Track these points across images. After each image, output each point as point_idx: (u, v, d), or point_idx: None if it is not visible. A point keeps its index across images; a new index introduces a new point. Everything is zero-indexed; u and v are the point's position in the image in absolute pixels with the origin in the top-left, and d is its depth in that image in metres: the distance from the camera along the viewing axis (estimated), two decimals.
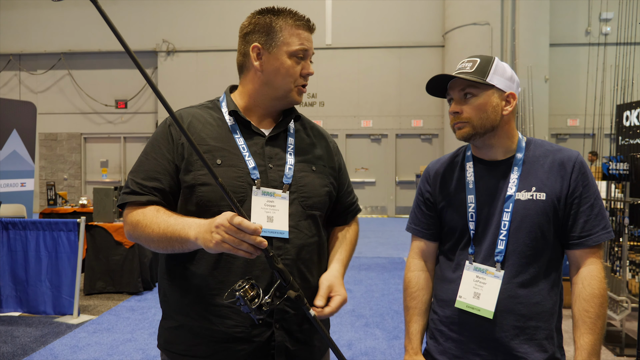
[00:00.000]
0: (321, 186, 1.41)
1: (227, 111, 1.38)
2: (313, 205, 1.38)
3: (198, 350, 1.30)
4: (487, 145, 1.41)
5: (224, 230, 1.10)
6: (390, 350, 3.72)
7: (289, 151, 1.39)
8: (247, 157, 1.32)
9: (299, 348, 1.33)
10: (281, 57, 1.34)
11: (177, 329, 1.33)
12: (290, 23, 1.34)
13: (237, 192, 1.28)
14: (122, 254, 5.21)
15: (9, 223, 4.43)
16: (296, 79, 1.36)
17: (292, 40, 1.34)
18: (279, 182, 1.34)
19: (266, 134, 1.38)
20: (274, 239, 1.29)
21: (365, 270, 6.54)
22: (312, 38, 1.39)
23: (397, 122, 13.62)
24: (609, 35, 11.28)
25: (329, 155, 1.49)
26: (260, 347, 1.29)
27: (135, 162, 1.36)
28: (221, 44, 13.56)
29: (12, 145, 6.74)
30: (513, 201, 1.36)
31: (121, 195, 1.34)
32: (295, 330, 1.31)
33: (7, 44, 14.30)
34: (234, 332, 1.28)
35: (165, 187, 1.31)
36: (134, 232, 1.30)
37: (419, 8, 13.30)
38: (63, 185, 14.38)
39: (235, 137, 1.34)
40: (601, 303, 1.32)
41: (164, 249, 1.26)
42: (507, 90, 1.37)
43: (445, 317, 1.43)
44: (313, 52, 1.39)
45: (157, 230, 1.23)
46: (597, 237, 1.34)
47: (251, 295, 1.12)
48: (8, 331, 4.06)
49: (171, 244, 1.23)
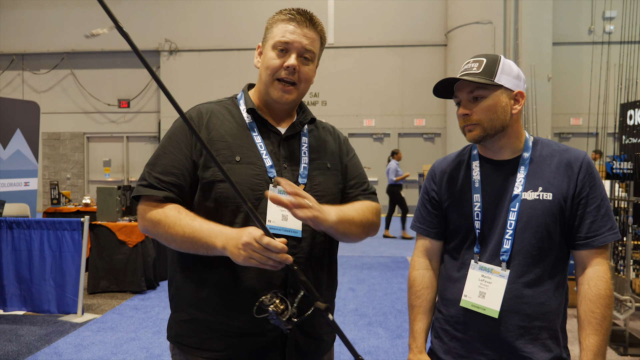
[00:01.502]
0: (335, 184, 1.43)
1: (245, 109, 1.40)
2: (327, 204, 1.37)
3: (211, 344, 1.31)
4: (497, 145, 1.40)
5: (251, 249, 1.13)
6: (394, 349, 3.72)
7: (304, 150, 1.40)
8: (265, 155, 1.33)
9: (309, 342, 1.36)
10: (266, 50, 1.36)
11: (189, 322, 1.34)
12: (281, 17, 1.36)
13: (255, 190, 1.29)
14: (125, 253, 5.22)
15: (13, 222, 4.45)
16: (274, 71, 1.34)
17: (277, 32, 1.35)
18: (294, 181, 1.34)
19: (282, 133, 1.39)
20: (289, 237, 1.30)
21: (368, 269, 6.53)
22: (305, 33, 1.34)
23: (399, 121, 13.61)
24: (613, 34, 11.23)
25: (340, 151, 1.50)
26: (272, 341, 1.31)
27: (153, 154, 1.36)
28: (224, 44, 13.57)
29: (15, 145, 6.77)
30: (519, 201, 1.35)
31: (137, 187, 1.33)
32: (307, 325, 1.33)
33: (10, 43, 14.34)
34: (248, 327, 1.29)
35: (182, 182, 1.31)
36: (152, 229, 1.30)
37: (421, 7, 13.27)
38: (66, 185, 14.42)
39: (253, 135, 1.35)
40: (607, 304, 1.31)
41: (186, 250, 1.27)
42: (515, 89, 1.36)
43: (450, 317, 1.43)
44: (304, 47, 1.33)
45: (182, 233, 1.24)
46: (604, 238, 1.34)
47: (281, 309, 1.17)
48: (13, 330, 4.07)
49: (195, 248, 1.25)
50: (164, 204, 1.29)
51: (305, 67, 1.36)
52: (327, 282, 1.42)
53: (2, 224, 4.45)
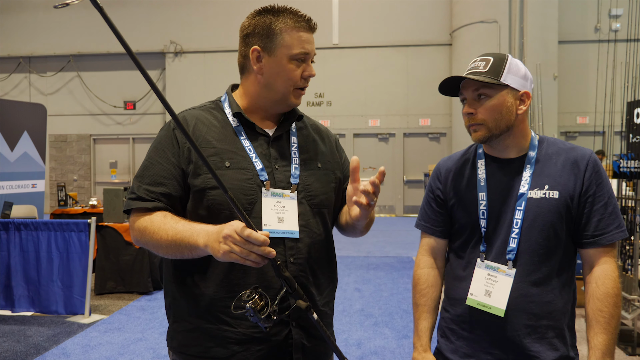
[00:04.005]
0: (327, 183, 1.42)
1: (231, 112, 1.37)
2: (320, 203, 1.39)
3: (216, 352, 1.30)
4: (502, 144, 1.40)
5: (232, 242, 1.09)
6: (400, 349, 3.72)
7: (293, 150, 1.39)
8: (254, 158, 1.32)
9: (315, 344, 1.35)
10: (281, 60, 1.31)
11: (192, 331, 1.33)
12: (291, 25, 1.30)
13: (248, 195, 1.28)
14: (132, 254, 5.24)
15: (21, 224, 4.48)
16: (296, 82, 1.33)
17: (293, 43, 1.30)
18: (286, 182, 1.34)
19: (270, 134, 1.38)
20: (286, 239, 1.29)
21: (374, 269, 6.53)
22: (313, 38, 1.35)
23: (404, 121, 13.58)
24: (619, 32, 11.16)
25: (332, 150, 1.49)
26: (277, 346, 1.30)
27: (140, 166, 1.35)
28: (228, 45, 13.60)
29: (23, 147, 6.81)
30: (526, 199, 1.35)
31: (127, 201, 1.33)
32: (312, 326, 1.32)
33: (16, 46, 14.45)
34: (252, 333, 1.28)
35: (171, 192, 1.30)
36: (141, 238, 1.29)
37: (426, 6, 13.24)
38: (73, 186, 14.50)
39: (241, 139, 1.34)
40: (615, 302, 1.31)
41: (173, 255, 1.25)
42: (521, 89, 1.35)
43: (457, 316, 1.43)
44: (315, 53, 1.36)
45: (166, 237, 1.22)
46: (611, 236, 1.33)
47: (260, 305, 1.11)
48: (21, 330, 4.10)
49: (180, 251, 1.22)
50: (153, 212, 1.29)
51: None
52: (326, 282, 1.41)
53: (10, 226, 4.49)
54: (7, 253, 4.47)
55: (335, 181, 1.45)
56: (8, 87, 14.61)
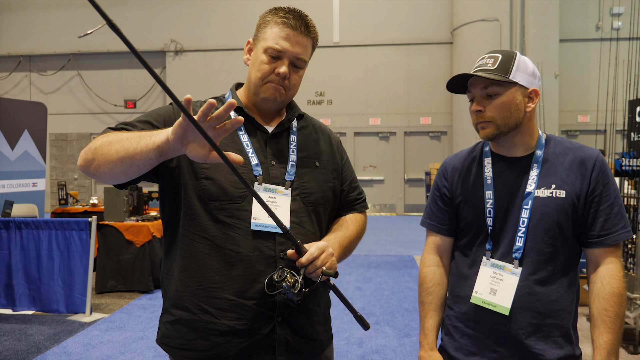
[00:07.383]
0: (324, 182, 1.42)
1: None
2: (315, 202, 1.39)
3: (197, 344, 1.30)
4: (510, 142, 1.39)
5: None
6: (401, 348, 3.71)
7: (292, 148, 1.39)
8: (251, 153, 1.33)
9: (300, 341, 1.34)
10: (258, 51, 1.34)
11: (173, 323, 1.33)
12: (276, 20, 1.32)
13: (238, 188, 1.29)
14: (133, 253, 5.24)
15: (22, 223, 4.48)
16: (265, 75, 1.32)
17: (270, 37, 1.31)
18: (281, 179, 1.34)
19: (269, 131, 1.39)
20: (277, 234, 1.29)
21: (375, 268, 6.52)
22: (303, 41, 1.32)
23: (405, 120, 13.57)
24: (621, 30, 11.14)
25: (332, 151, 1.49)
26: (260, 340, 1.29)
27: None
28: (229, 44, 13.59)
29: (23, 146, 6.82)
30: (532, 198, 1.34)
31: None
32: (297, 323, 1.32)
33: (17, 45, 14.44)
34: (236, 325, 1.28)
35: (157, 125, 1.28)
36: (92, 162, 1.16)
37: (426, 5, 13.23)
38: (74, 185, 14.51)
39: (239, 134, 1.35)
40: (620, 302, 1.31)
41: (127, 170, 1.13)
42: (530, 87, 1.35)
43: (461, 314, 1.42)
44: (298, 57, 1.32)
45: (116, 150, 1.12)
46: (617, 236, 1.33)
47: (292, 282, 1.21)
48: (22, 329, 4.10)
49: (134, 160, 1.10)
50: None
51: (295, 75, 1.35)
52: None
53: (10, 225, 4.48)
54: (8, 252, 4.47)
55: (334, 181, 1.45)
56: (8, 85, 14.61)
